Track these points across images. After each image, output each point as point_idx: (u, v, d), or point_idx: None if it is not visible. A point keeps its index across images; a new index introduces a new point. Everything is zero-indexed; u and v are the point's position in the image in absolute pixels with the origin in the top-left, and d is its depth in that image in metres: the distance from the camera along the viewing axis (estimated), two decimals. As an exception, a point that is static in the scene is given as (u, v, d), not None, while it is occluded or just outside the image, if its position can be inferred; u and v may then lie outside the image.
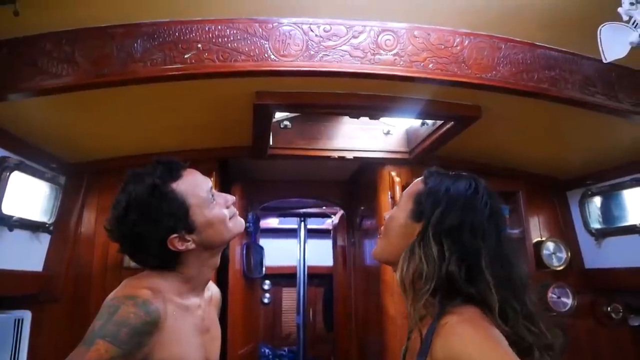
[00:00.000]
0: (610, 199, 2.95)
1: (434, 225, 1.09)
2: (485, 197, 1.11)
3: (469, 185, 1.13)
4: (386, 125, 3.02)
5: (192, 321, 1.35)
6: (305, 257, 5.86)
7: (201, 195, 1.34)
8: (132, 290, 1.23)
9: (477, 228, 1.07)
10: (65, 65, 1.70)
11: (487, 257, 1.03)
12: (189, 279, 1.36)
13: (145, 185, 1.28)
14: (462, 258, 1.04)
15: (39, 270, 2.49)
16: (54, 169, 2.47)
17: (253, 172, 3.65)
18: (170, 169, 1.33)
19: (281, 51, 1.76)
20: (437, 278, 1.03)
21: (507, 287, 1.02)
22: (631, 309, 2.98)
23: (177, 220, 1.29)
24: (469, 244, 1.05)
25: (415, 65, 1.83)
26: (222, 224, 1.37)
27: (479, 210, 1.09)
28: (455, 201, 1.10)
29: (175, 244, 1.29)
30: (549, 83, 1.93)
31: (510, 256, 1.08)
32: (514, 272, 1.06)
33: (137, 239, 1.29)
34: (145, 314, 1.17)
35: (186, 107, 2.19)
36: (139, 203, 1.27)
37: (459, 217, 1.07)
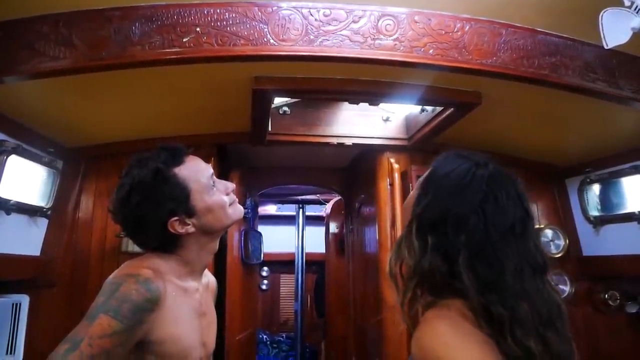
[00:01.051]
0: (609, 186, 2.94)
1: (417, 217, 1.03)
2: (478, 189, 0.98)
3: (464, 174, 1.01)
4: (385, 111, 3.01)
5: (190, 303, 1.38)
6: (304, 244, 5.88)
7: (202, 181, 1.39)
8: (133, 269, 1.26)
9: (461, 222, 0.96)
10: (63, 48, 1.68)
11: (467, 255, 0.94)
12: (187, 262, 1.40)
13: (149, 169, 1.33)
14: (444, 254, 0.97)
15: (37, 255, 2.48)
16: (51, 153, 2.45)
17: (252, 158, 3.64)
18: (174, 155, 1.38)
19: (280, 35, 1.74)
20: (419, 273, 0.99)
21: (493, 289, 0.91)
22: (628, 296, 2.98)
23: (178, 203, 1.34)
24: (450, 239, 0.96)
25: (416, 51, 1.81)
26: (222, 209, 1.41)
27: (466, 202, 0.97)
28: (442, 192, 1.01)
29: (175, 227, 1.33)
30: (550, 69, 1.92)
31: (503, 257, 0.94)
32: (504, 275, 0.93)
33: (139, 221, 1.34)
34: (147, 291, 1.20)
35: (184, 92, 2.17)
36: (142, 186, 1.32)
37: (442, 210, 0.99)
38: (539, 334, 0.91)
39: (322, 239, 5.60)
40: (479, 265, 0.93)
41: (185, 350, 1.32)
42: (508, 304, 0.90)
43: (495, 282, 0.92)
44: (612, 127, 2.49)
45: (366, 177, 3.30)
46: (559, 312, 0.96)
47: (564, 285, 3.00)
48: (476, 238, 0.95)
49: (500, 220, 0.96)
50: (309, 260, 5.94)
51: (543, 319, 0.92)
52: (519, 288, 0.92)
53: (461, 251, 0.94)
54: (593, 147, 2.79)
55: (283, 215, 6.29)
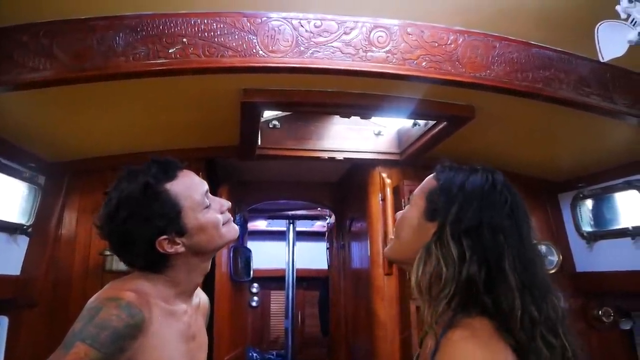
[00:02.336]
0: (602, 201, 2.93)
1: (452, 223, 1.01)
2: (504, 192, 1.03)
3: (485, 179, 1.05)
4: (377, 125, 2.98)
5: (177, 327, 1.29)
6: (294, 260, 5.81)
7: (195, 197, 1.30)
8: (115, 292, 1.18)
9: (498, 226, 0.98)
10: (43, 58, 1.62)
11: (511, 256, 0.96)
12: (176, 283, 1.31)
13: (139, 183, 1.25)
14: (482, 259, 0.96)
15: (17, 274, 2.39)
16: (32, 168, 2.38)
17: (241, 172, 3.58)
18: (166, 169, 1.30)
19: (270, 47, 1.70)
20: (456, 282, 0.96)
21: (528, 292, 0.94)
22: (622, 313, 2.95)
23: (168, 221, 1.25)
24: (490, 243, 0.97)
25: (408, 63, 1.78)
26: (215, 229, 1.33)
27: (498, 206, 1.01)
28: (471, 197, 1.02)
29: (164, 246, 1.25)
30: (544, 83, 1.90)
31: (533, 257, 1.00)
32: (536, 274, 0.98)
33: (126, 238, 1.25)
34: (128, 316, 1.12)
35: (171, 105, 2.12)
36: (130, 201, 1.24)
37: (478, 215, 0.99)
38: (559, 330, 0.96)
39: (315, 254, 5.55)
40: (518, 266, 0.96)
41: None
42: (540, 304, 0.94)
43: (529, 282, 0.96)
44: (605, 142, 2.48)
45: (358, 192, 3.26)
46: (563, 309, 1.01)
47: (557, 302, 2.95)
48: (513, 239, 0.98)
49: (524, 220, 1.03)
50: (301, 276, 5.87)
51: (559, 316, 0.97)
52: (545, 284, 0.98)
53: (504, 252, 0.96)
54: (586, 162, 2.77)
55: (273, 230, 6.22)
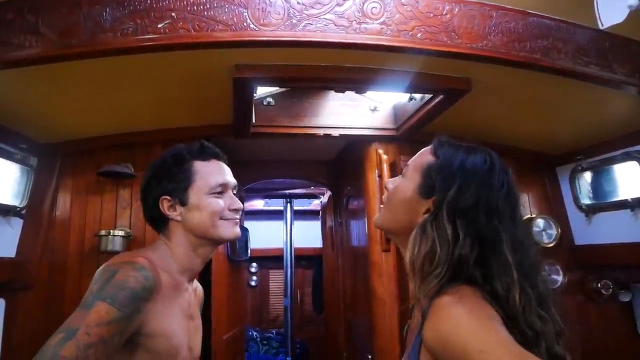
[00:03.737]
0: (601, 174, 2.91)
1: (449, 204, 1.00)
2: (501, 174, 1.03)
3: (484, 160, 1.04)
4: (373, 101, 2.94)
5: (181, 302, 1.35)
6: (292, 239, 5.81)
7: (209, 181, 1.40)
8: (128, 257, 1.26)
9: (494, 208, 0.99)
10: (29, 36, 1.58)
11: (508, 238, 0.97)
12: (178, 257, 1.38)
13: (177, 151, 1.43)
14: (476, 240, 0.97)
15: (12, 256, 2.37)
16: (24, 149, 2.35)
17: (236, 152, 3.55)
18: (202, 150, 1.45)
19: (261, 20, 1.65)
20: (449, 262, 0.96)
21: (520, 270, 0.95)
22: (621, 285, 2.95)
23: (176, 187, 1.38)
24: (485, 225, 0.97)
25: (403, 35, 1.74)
26: (211, 215, 1.38)
27: (495, 188, 1.01)
28: (471, 178, 1.01)
29: (163, 205, 1.38)
30: (542, 53, 1.86)
31: (523, 238, 1.01)
32: (527, 255, 0.99)
33: (145, 187, 1.43)
34: (144, 278, 1.18)
35: (162, 82, 2.07)
36: (161, 162, 1.43)
37: (475, 196, 0.99)
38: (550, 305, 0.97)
39: (312, 233, 5.54)
40: (512, 247, 0.97)
41: (175, 348, 1.28)
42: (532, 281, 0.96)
43: (522, 261, 0.96)
44: (604, 114, 2.45)
45: (354, 169, 3.23)
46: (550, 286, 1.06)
47: (557, 275, 2.96)
48: (507, 221, 0.99)
49: (517, 201, 1.03)
50: (299, 255, 5.88)
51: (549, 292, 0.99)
52: (536, 263, 1.00)
53: (501, 235, 0.97)
54: (584, 134, 2.75)
55: (270, 210, 6.21)
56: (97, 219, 2.61)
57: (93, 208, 2.63)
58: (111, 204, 2.65)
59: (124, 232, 2.52)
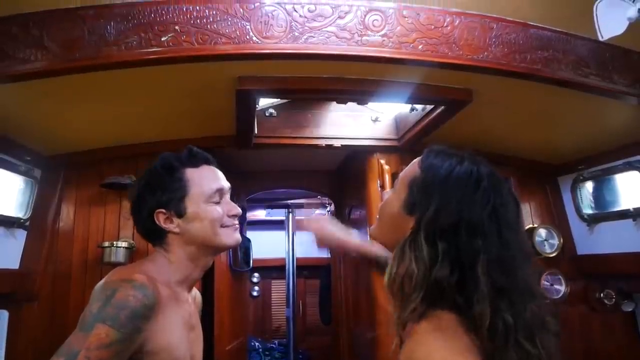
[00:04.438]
0: (602, 183, 2.91)
1: (426, 224, 0.94)
2: (487, 190, 0.94)
3: (469, 174, 0.96)
4: (374, 112, 2.95)
5: (181, 314, 1.32)
6: (294, 249, 5.79)
7: (204, 188, 1.35)
8: (126, 274, 1.21)
9: (476, 227, 0.91)
10: (34, 49, 1.60)
11: (485, 261, 0.88)
12: (177, 268, 1.35)
13: (166, 160, 1.37)
14: (456, 262, 0.90)
15: (16, 268, 2.38)
16: (28, 161, 2.36)
17: (238, 162, 3.57)
18: (192, 156, 1.40)
19: (264, 33, 1.67)
20: (427, 284, 0.90)
21: (504, 296, 0.87)
22: (624, 295, 2.94)
23: (171, 198, 1.32)
24: (465, 246, 0.90)
25: (405, 47, 1.75)
26: (211, 223, 1.34)
27: (478, 205, 0.92)
28: (451, 196, 0.94)
29: (160, 219, 1.33)
30: (542, 64, 1.87)
31: (514, 259, 0.91)
32: (516, 279, 0.90)
33: (136, 201, 1.36)
34: (144, 296, 1.15)
35: (165, 95, 2.09)
36: (152, 172, 1.37)
37: (455, 216, 0.92)
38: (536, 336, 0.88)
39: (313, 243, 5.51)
40: (494, 271, 0.88)
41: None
42: (517, 309, 0.87)
43: (507, 287, 0.88)
44: (605, 124, 2.46)
45: (356, 179, 3.23)
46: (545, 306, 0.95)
47: (559, 285, 2.96)
48: (492, 242, 0.90)
49: (509, 219, 0.94)
50: (301, 265, 5.85)
51: (540, 322, 0.91)
52: (527, 289, 0.91)
53: (479, 257, 0.89)
54: (585, 144, 2.75)
55: (272, 220, 6.20)
56: (100, 231, 2.62)
57: (96, 219, 2.64)
58: (114, 216, 2.65)
59: (127, 244, 2.52)
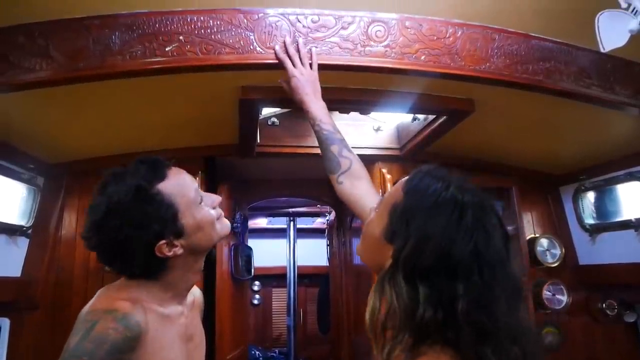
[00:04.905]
0: (604, 193, 2.91)
1: (404, 262, 0.90)
2: (471, 225, 0.88)
3: (453, 205, 0.90)
4: (376, 121, 2.96)
5: (174, 330, 1.27)
6: (295, 257, 5.79)
7: (190, 195, 1.27)
8: (109, 302, 1.15)
9: (456, 267, 0.86)
10: (39, 59, 1.60)
11: (466, 304, 0.84)
12: (171, 286, 1.28)
13: (129, 186, 1.18)
14: (438, 302, 0.85)
15: (17, 276, 2.38)
16: (31, 169, 2.37)
17: (240, 171, 3.56)
18: (155, 169, 1.25)
19: (267, 43, 1.68)
20: (410, 326, 0.86)
21: (487, 338, 0.83)
22: (626, 306, 2.94)
23: (164, 224, 1.20)
24: (445, 286, 0.85)
25: (407, 57, 1.76)
26: (211, 226, 1.30)
27: (459, 243, 0.87)
28: (431, 230, 0.89)
29: (163, 251, 1.21)
30: (544, 75, 1.88)
31: (498, 300, 0.86)
32: (499, 320, 0.85)
33: (120, 247, 1.18)
34: (126, 328, 1.08)
35: (169, 104, 2.10)
36: (123, 206, 1.16)
37: (434, 255, 0.87)
38: None
39: (316, 251, 5.52)
40: (475, 312, 0.84)
41: None
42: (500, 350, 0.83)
43: (490, 329, 0.84)
44: (607, 134, 2.46)
45: (358, 188, 3.23)
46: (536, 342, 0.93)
47: (561, 295, 2.94)
48: (474, 283, 0.85)
49: (493, 256, 0.88)
50: (302, 273, 5.85)
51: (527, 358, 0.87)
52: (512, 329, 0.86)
53: (459, 301, 0.84)
54: (587, 154, 2.76)
55: (274, 228, 6.20)
56: (102, 238, 2.61)
57: (98, 227, 2.63)
58: (116, 224, 2.64)
59: (129, 251, 2.51)
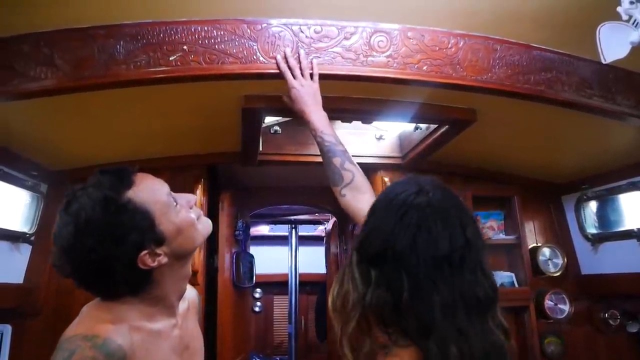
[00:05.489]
0: (606, 203, 2.91)
1: (357, 249, 0.99)
2: (414, 218, 0.92)
3: (398, 209, 0.94)
4: (379, 130, 2.97)
5: (167, 345, 1.22)
6: (297, 265, 5.79)
7: (163, 199, 1.19)
8: (90, 327, 1.08)
9: (399, 257, 0.90)
10: (44, 68, 1.61)
11: (409, 293, 0.87)
12: (160, 298, 1.22)
13: (96, 200, 1.09)
14: (386, 288, 0.90)
15: (20, 282, 2.39)
16: (35, 176, 2.38)
17: (243, 178, 3.58)
18: (120, 177, 1.16)
19: (270, 53, 1.69)
20: (361, 307, 0.92)
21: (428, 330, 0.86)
22: (629, 316, 2.93)
23: (143, 233, 1.12)
24: (392, 274, 0.90)
25: (409, 67, 1.77)
26: (192, 227, 1.24)
27: (402, 234, 0.91)
28: (380, 223, 0.96)
29: (146, 262, 1.13)
30: (546, 85, 1.88)
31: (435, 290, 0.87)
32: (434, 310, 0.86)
33: (99, 268, 1.10)
34: (106, 356, 1.01)
35: (172, 112, 2.11)
36: (93, 223, 1.08)
37: (380, 245, 0.93)
38: None
39: (317, 258, 5.52)
40: (417, 304, 0.87)
41: None
42: (439, 346, 0.84)
43: (429, 323, 0.86)
44: (609, 144, 2.47)
45: (360, 196, 3.23)
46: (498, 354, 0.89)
47: (563, 305, 2.94)
48: (412, 274, 0.88)
49: (432, 252, 0.89)
50: (304, 280, 5.85)
51: None
52: (450, 328, 0.86)
53: (404, 289, 0.88)
54: (589, 163, 2.76)
55: (276, 235, 6.20)
56: (104, 245, 2.61)
57: (100, 234, 2.64)
58: (118, 230, 2.65)
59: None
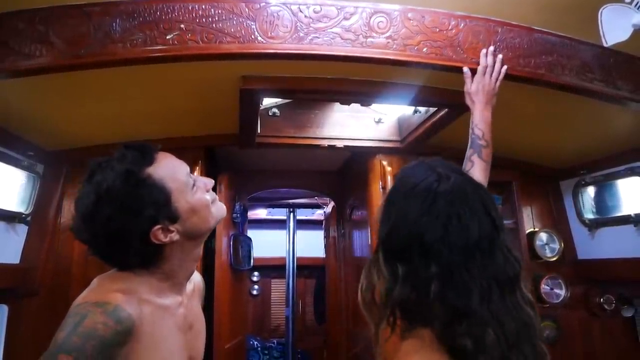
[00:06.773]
0: (604, 188, 2.92)
1: (382, 245, 0.98)
2: (442, 208, 0.92)
3: (424, 198, 0.93)
4: (377, 113, 2.95)
5: (172, 321, 1.23)
6: (295, 249, 5.81)
7: (181, 179, 1.23)
8: (101, 294, 1.10)
9: (428, 250, 0.89)
10: (39, 45, 1.59)
11: (439, 285, 0.87)
12: (169, 275, 1.24)
13: (118, 172, 1.13)
14: (414, 283, 0.90)
15: (16, 263, 2.39)
16: (31, 157, 2.37)
17: (241, 161, 3.57)
18: (143, 153, 1.20)
19: (269, 33, 1.67)
20: (391, 302, 0.92)
21: (461, 317, 0.86)
22: (624, 300, 2.95)
23: (158, 208, 1.16)
24: (420, 268, 0.89)
25: (409, 49, 1.75)
26: (206, 209, 1.27)
27: (431, 227, 0.90)
28: (404, 219, 0.94)
29: (158, 236, 1.17)
30: (546, 68, 1.87)
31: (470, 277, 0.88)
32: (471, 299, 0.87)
33: (114, 237, 1.14)
34: (117, 322, 1.04)
35: (170, 92, 2.10)
36: (113, 194, 1.12)
37: (407, 239, 0.92)
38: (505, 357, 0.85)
39: (315, 242, 5.54)
40: (449, 294, 0.87)
41: None
42: (475, 332, 0.85)
43: (463, 310, 0.86)
44: (608, 129, 2.46)
45: (358, 180, 3.24)
46: (528, 330, 0.90)
47: (560, 290, 2.96)
48: (444, 265, 0.88)
49: (464, 241, 0.90)
50: (302, 264, 5.87)
51: (510, 342, 0.86)
52: (486, 313, 0.87)
53: (432, 282, 0.88)
54: (588, 148, 2.76)
55: (273, 219, 6.21)
56: (101, 226, 2.61)
57: (97, 215, 2.63)
58: (115, 211, 2.65)
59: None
